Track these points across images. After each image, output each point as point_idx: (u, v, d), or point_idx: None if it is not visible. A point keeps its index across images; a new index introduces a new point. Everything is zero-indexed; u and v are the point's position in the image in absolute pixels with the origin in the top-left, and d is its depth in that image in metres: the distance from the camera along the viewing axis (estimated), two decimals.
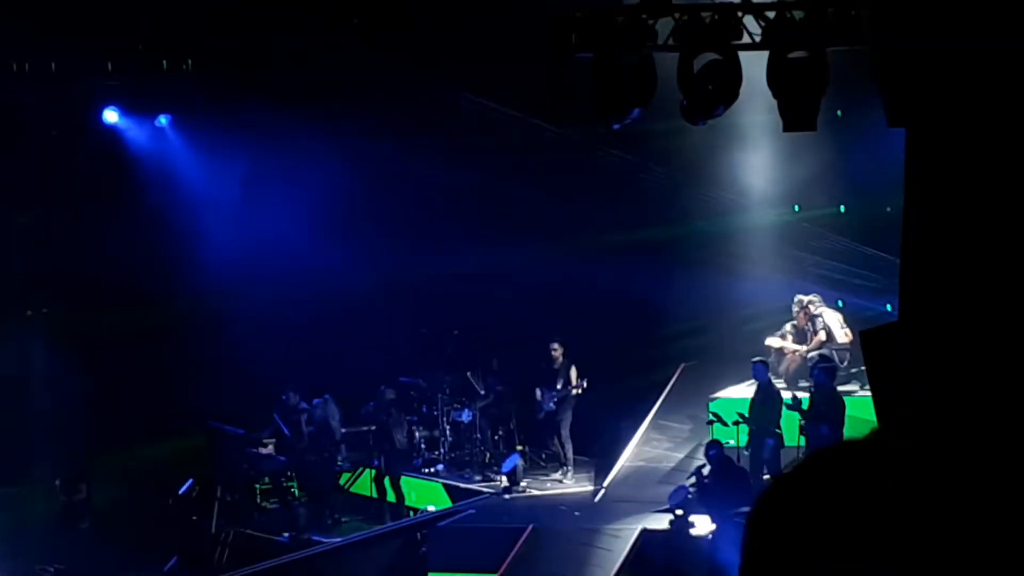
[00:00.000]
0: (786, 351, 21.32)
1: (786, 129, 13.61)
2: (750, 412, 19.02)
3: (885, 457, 1.68)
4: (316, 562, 19.07)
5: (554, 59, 14.35)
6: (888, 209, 20.01)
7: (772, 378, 19.90)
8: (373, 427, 21.44)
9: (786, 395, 19.28)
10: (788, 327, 21.54)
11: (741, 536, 1.75)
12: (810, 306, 21.31)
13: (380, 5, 18.67)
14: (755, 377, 19.51)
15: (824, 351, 20.67)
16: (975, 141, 8.84)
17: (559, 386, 20.97)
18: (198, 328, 21.47)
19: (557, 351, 21.04)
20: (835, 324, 21.02)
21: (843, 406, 18.56)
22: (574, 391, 20.81)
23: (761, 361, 19.75)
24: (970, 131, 8.86)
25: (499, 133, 21.34)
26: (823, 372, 18.95)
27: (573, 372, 20.96)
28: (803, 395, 19.25)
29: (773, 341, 21.37)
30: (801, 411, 18.55)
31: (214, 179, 21.79)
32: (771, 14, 13.35)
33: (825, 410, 18.41)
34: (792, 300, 21.65)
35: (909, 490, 1.62)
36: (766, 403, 19.06)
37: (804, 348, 21.07)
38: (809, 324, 21.29)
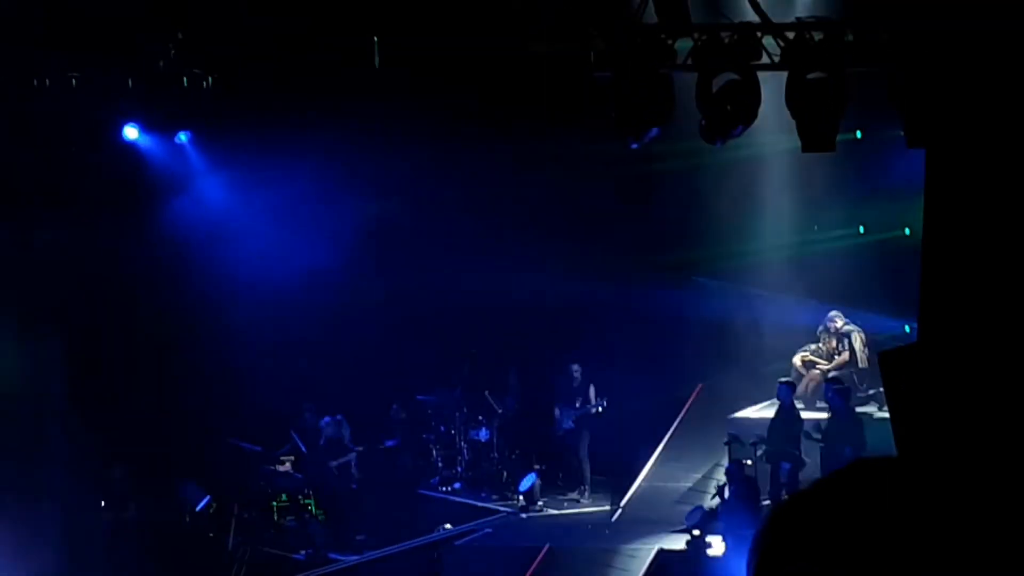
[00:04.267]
0: (816, 365, 21.17)
1: (805, 149, 13.58)
2: (769, 433, 18.96)
3: (901, 479, 1.67)
4: None
5: (574, 77, 14.37)
6: (907, 231, 20.00)
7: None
8: (382, 446, 21.53)
9: (807, 415, 19.26)
10: (813, 347, 21.45)
11: (749, 549, 1.75)
12: (837, 319, 21.16)
13: (400, 23, 18.72)
14: (778, 398, 19.42)
15: (837, 373, 20.58)
16: (994, 162, 8.81)
17: (577, 404, 20.98)
18: (216, 345, 21.49)
19: (577, 371, 21.10)
20: (859, 345, 20.91)
21: (861, 427, 18.52)
22: (593, 410, 20.80)
23: (788, 383, 19.67)
24: (989, 152, 8.84)
25: (516, 150, 21.35)
26: (837, 394, 18.90)
27: (592, 391, 20.95)
28: (822, 416, 19.24)
29: (805, 360, 21.27)
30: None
31: (233, 196, 21.83)
32: (790, 35, 13.34)
33: (843, 433, 18.36)
34: (823, 321, 21.58)
35: (926, 512, 1.61)
36: (786, 425, 18.99)
37: (826, 365, 20.96)
38: (837, 345, 21.16)
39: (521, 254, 21.47)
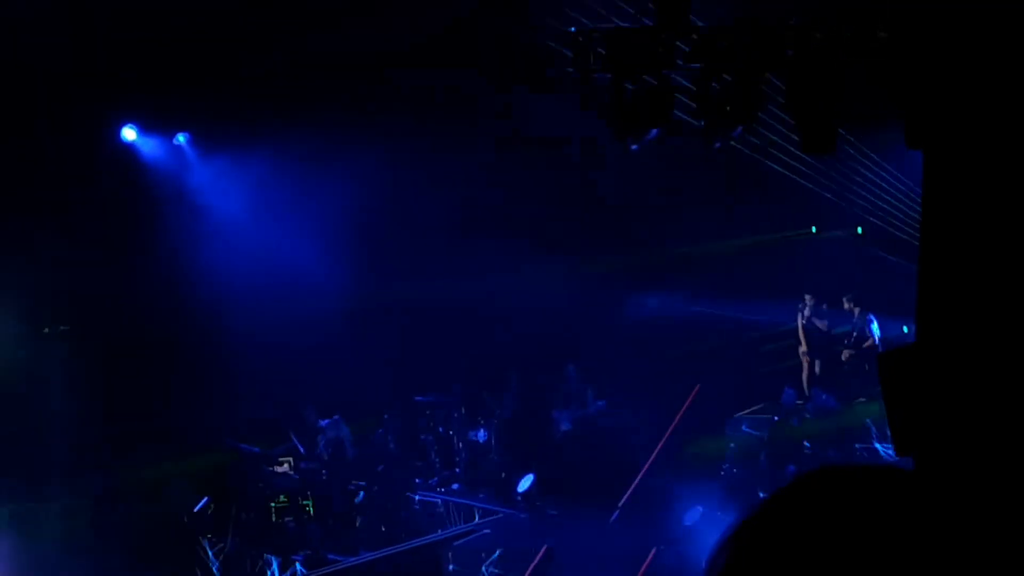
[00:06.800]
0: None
1: (804, 150, 13.61)
2: (772, 435, 18.96)
3: (895, 481, 1.65)
4: None
5: (575, 78, 14.38)
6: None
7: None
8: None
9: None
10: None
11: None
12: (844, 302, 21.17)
13: (396, 24, 18.72)
14: (783, 401, 19.42)
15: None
16: (994, 163, 8.82)
17: (575, 407, 20.98)
18: (215, 345, 21.48)
19: (573, 373, 21.11)
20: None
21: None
22: (591, 412, 20.80)
23: (793, 389, 19.71)
24: (989, 153, 8.85)
25: (516, 152, 21.37)
26: (831, 397, 18.93)
27: (590, 393, 20.94)
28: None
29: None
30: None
31: (231, 197, 21.83)
32: (790, 36, 13.34)
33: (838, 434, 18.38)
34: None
35: (918, 516, 1.59)
36: (790, 426, 19.00)
37: (847, 353, 20.98)
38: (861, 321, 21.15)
39: (519, 256, 21.47)
